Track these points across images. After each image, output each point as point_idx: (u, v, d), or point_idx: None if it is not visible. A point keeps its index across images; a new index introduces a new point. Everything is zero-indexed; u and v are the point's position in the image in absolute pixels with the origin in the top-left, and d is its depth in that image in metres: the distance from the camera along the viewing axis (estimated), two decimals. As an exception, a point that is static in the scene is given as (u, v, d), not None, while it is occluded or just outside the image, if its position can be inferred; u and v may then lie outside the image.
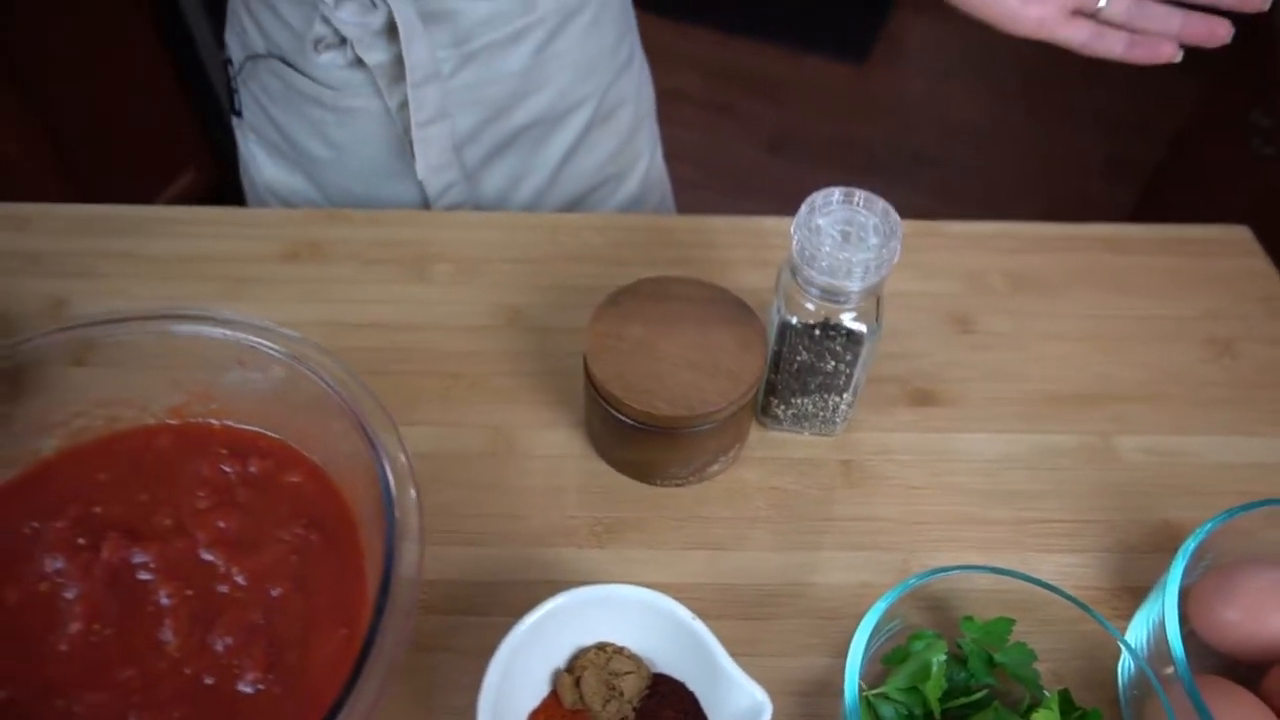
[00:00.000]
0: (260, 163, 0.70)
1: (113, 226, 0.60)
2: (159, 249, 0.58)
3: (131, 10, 1.51)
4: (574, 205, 0.70)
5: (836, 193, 0.43)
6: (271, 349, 0.40)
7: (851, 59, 2.32)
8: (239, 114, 0.69)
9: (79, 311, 0.54)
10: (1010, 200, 2.00)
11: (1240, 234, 0.63)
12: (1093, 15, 0.44)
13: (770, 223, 0.62)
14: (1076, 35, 0.44)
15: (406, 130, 0.60)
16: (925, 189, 2.03)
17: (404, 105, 0.59)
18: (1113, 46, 0.43)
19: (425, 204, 0.66)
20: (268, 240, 0.59)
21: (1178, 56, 0.43)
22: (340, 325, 0.54)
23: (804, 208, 0.43)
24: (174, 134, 1.68)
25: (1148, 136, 2.12)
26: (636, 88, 0.70)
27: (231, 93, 0.69)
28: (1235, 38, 0.44)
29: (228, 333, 0.41)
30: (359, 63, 0.58)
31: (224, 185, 1.84)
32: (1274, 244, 0.63)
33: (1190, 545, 0.39)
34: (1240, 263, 0.61)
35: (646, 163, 0.74)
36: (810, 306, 0.44)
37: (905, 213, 0.44)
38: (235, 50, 0.66)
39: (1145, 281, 0.60)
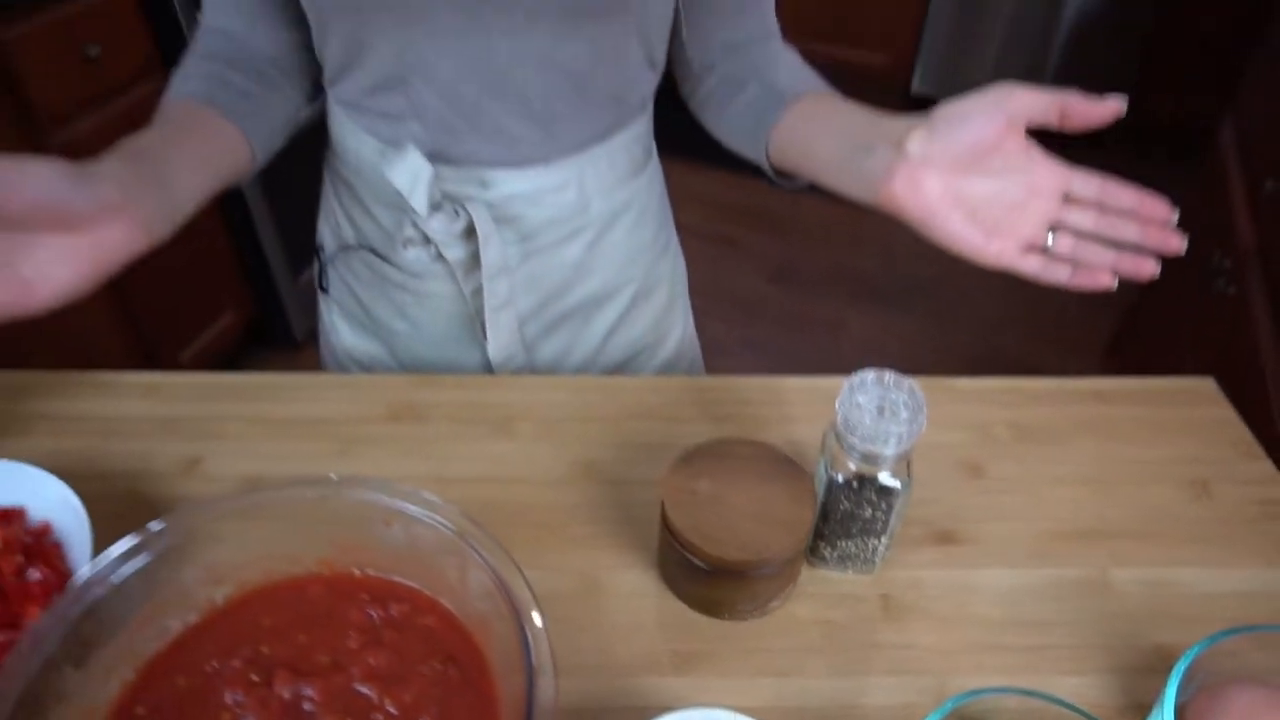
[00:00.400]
0: (342, 332, 0.80)
1: (237, 392, 0.69)
2: (280, 412, 0.67)
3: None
4: (618, 370, 0.80)
5: (871, 374, 0.53)
6: (412, 509, 0.49)
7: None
8: (325, 290, 0.80)
9: (213, 470, 0.63)
10: (996, 325, 2.13)
11: (1207, 385, 0.73)
12: (1043, 250, 0.54)
13: (792, 382, 0.72)
14: (1029, 266, 0.54)
15: (478, 311, 0.71)
16: (919, 313, 2.16)
17: (476, 292, 0.70)
18: (1059, 275, 0.53)
19: (488, 368, 0.76)
20: (372, 403, 0.68)
21: (1114, 285, 0.53)
22: (442, 480, 0.63)
23: (845, 388, 0.52)
24: (218, 278, 1.80)
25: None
26: (672, 269, 0.82)
27: (321, 272, 0.79)
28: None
29: (377, 496, 0.49)
30: (440, 257, 0.69)
31: (258, 325, 1.95)
32: (1240, 379, 0.73)
33: (1181, 666, 0.47)
34: (1210, 411, 0.71)
35: (680, 331, 0.85)
36: (852, 466, 0.53)
37: (901, 334, 0.54)
38: (328, 240, 0.77)
39: (1131, 430, 0.69)
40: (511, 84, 0.62)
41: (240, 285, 1.86)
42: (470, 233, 0.67)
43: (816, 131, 0.61)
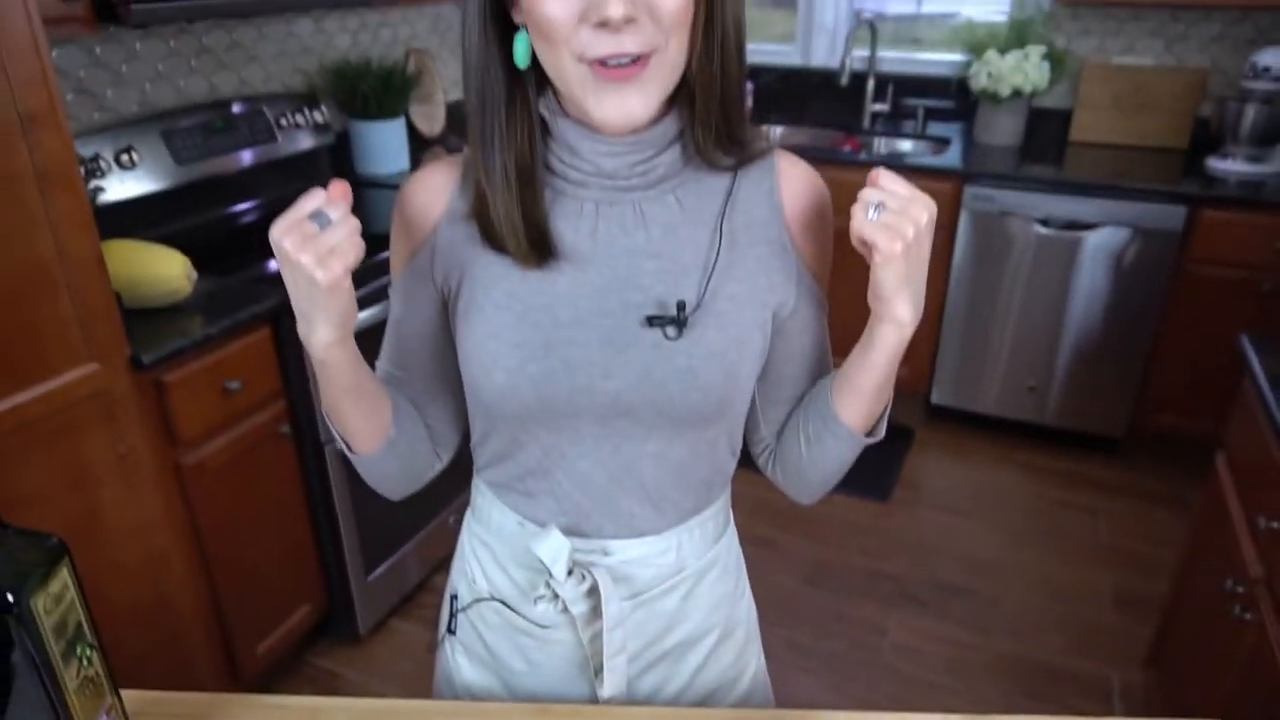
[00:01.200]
0: (464, 671, 0.93)
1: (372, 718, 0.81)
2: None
3: (290, 480, 1.86)
4: (703, 702, 0.92)
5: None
6: None
7: (876, 497, 2.65)
8: (453, 632, 0.94)
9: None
10: (1034, 631, 2.18)
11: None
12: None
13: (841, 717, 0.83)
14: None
15: (593, 656, 0.84)
16: (954, 618, 2.22)
17: (594, 638, 0.84)
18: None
19: (593, 701, 0.88)
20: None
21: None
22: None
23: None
24: (300, 574, 1.95)
25: (1149, 570, 2.36)
26: (747, 613, 0.96)
27: (451, 617, 0.94)
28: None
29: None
30: (565, 610, 0.84)
31: (328, 619, 2.07)
32: (1260, 705, 0.81)
33: None
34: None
35: (754, 667, 0.97)
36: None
37: (941, 639, 0.65)
38: (463, 590, 0.92)
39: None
40: (632, 475, 0.80)
41: (317, 581, 2.00)
42: (592, 591, 0.82)
43: (855, 375, 0.78)
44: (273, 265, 1.91)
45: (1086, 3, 2.77)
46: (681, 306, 0.74)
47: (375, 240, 0.78)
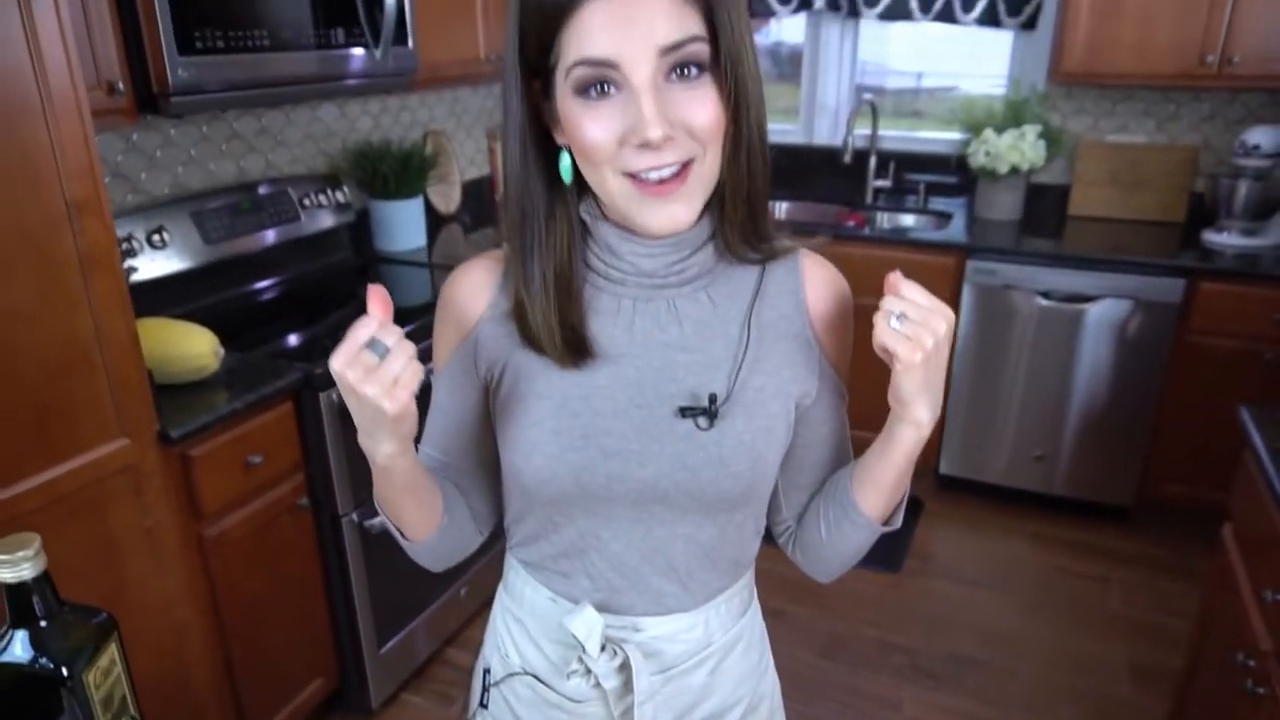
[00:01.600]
0: None
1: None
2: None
3: (307, 551, 1.88)
4: None
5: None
6: None
7: (887, 568, 2.65)
8: (485, 706, 0.95)
9: None
10: (1049, 704, 2.16)
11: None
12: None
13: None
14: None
15: None
16: (968, 691, 2.21)
17: (625, 713, 0.86)
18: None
19: None
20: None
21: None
22: None
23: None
24: (314, 648, 1.96)
25: (1163, 641, 2.35)
26: (772, 687, 0.98)
27: (484, 692, 0.95)
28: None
29: None
30: (597, 685, 0.86)
31: (341, 692, 2.07)
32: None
33: None
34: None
35: (779, 736, 0.99)
36: None
37: (957, 713, 0.66)
38: (496, 665, 0.94)
39: None
40: (663, 556, 0.83)
41: (330, 654, 2.00)
42: (624, 666, 0.85)
43: (877, 469, 0.82)
44: (293, 340, 1.97)
45: (1080, 84, 2.87)
46: (713, 399, 0.78)
47: (402, 313, 0.82)
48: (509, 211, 0.77)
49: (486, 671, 0.96)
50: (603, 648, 0.84)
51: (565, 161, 0.74)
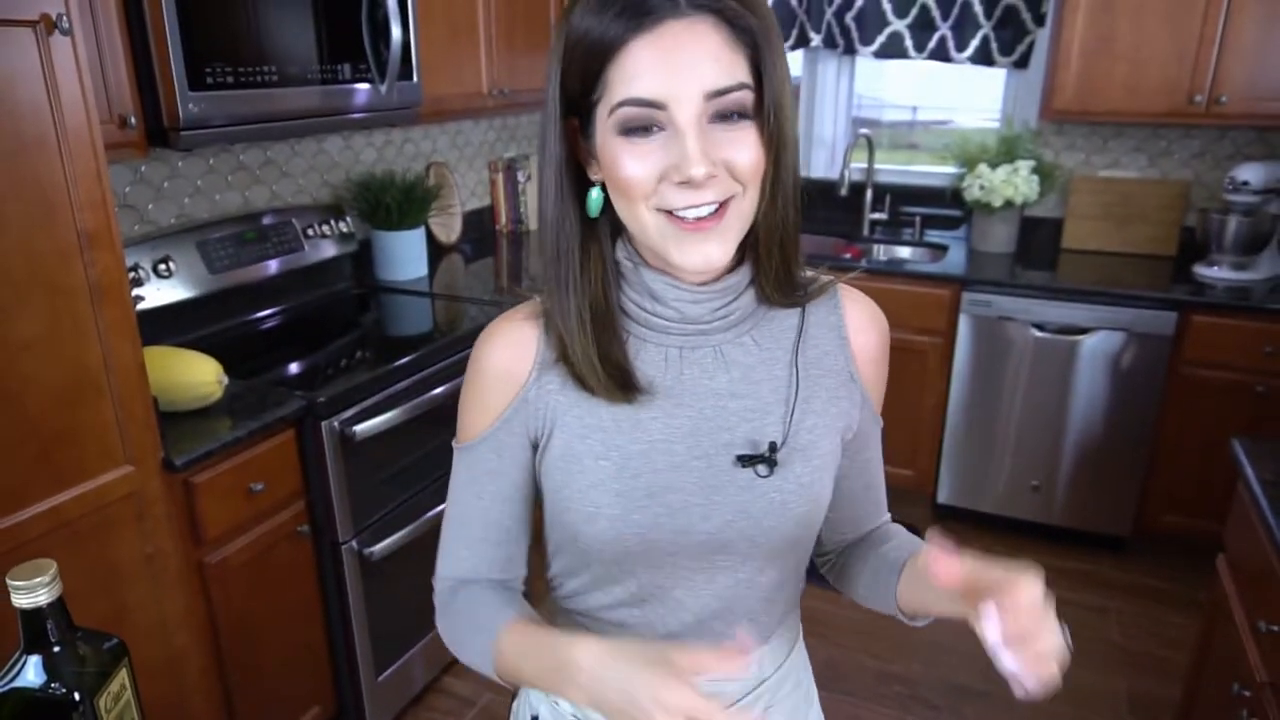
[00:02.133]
0: None
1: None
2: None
3: (305, 578, 1.89)
4: None
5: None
6: None
7: (883, 599, 2.65)
8: None
9: None
10: (1049, 737, 2.16)
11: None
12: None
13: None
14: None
15: None
16: (968, 723, 2.20)
17: None
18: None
19: None
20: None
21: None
22: None
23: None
24: (312, 675, 1.95)
25: (1163, 672, 2.35)
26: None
27: None
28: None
29: None
30: None
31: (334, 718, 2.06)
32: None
33: None
34: None
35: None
36: None
37: None
38: (544, 712, 0.91)
39: None
40: (724, 601, 0.84)
41: (327, 681, 2.00)
42: None
43: (927, 599, 0.80)
44: (295, 368, 1.99)
45: (1071, 120, 2.93)
46: (774, 447, 0.78)
47: (403, 341, 0.83)
48: (545, 246, 0.77)
49: (534, 718, 0.93)
50: None
51: (595, 196, 0.74)
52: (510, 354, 0.79)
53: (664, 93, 0.65)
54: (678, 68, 0.65)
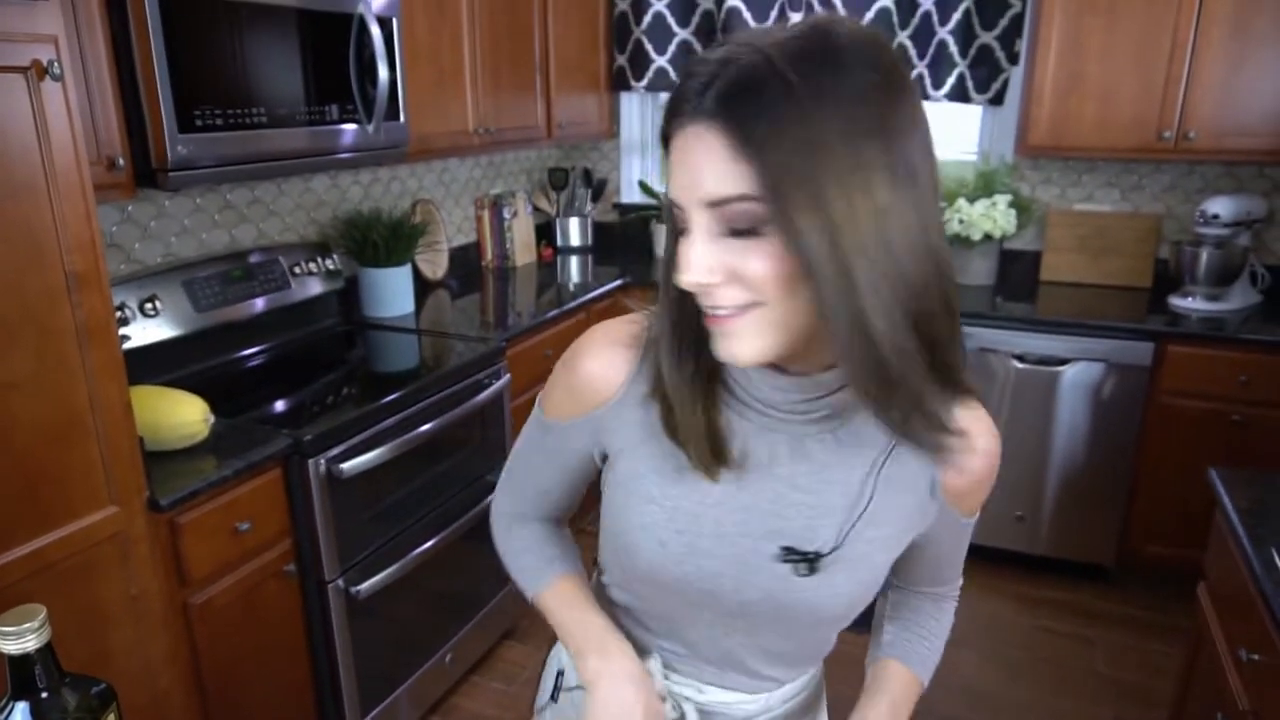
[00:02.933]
0: None
1: None
2: None
3: (291, 618, 1.87)
4: None
5: None
6: None
7: (869, 629, 2.65)
8: (555, 700, 0.96)
9: None
10: (1038, 768, 2.16)
11: None
12: None
13: None
14: None
15: None
16: (957, 756, 2.20)
17: None
18: None
19: None
20: None
21: None
22: None
23: None
24: (296, 717, 1.93)
25: (1148, 701, 2.35)
26: None
27: (556, 689, 0.97)
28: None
29: None
30: None
31: (323, 761, 2.03)
32: None
33: None
34: None
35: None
36: None
37: None
38: (569, 673, 0.95)
39: None
40: (736, 657, 0.86)
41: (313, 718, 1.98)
42: (682, 718, 0.88)
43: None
44: (280, 406, 1.99)
45: (1045, 155, 2.99)
46: (818, 555, 0.77)
47: (389, 378, 0.85)
48: (662, 314, 0.76)
49: (560, 674, 0.97)
50: (664, 699, 0.86)
51: None
52: (598, 372, 0.81)
53: (677, 197, 0.65)
54: (683, 171, 0.64)
